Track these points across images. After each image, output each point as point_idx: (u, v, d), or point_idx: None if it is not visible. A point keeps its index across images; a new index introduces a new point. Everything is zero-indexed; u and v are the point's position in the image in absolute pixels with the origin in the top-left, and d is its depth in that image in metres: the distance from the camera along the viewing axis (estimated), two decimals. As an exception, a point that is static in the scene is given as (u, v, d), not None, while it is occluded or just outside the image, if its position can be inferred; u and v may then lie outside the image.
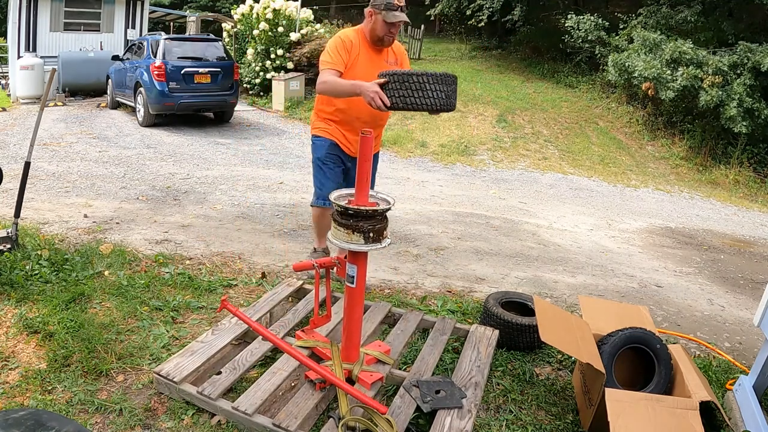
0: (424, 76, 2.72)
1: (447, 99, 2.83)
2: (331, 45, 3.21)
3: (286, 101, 11.53)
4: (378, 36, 3.20)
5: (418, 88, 2.72)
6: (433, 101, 2.75)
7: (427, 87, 2.73)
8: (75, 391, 2.45)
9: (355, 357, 2.58)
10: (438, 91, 2.77)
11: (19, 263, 3.55)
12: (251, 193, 6.12)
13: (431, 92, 2.75)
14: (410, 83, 2.71)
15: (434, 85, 2.75)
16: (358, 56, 3.21)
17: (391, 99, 2.76)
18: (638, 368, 2.57)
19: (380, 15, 3.14)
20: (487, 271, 4.36)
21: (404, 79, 2.71)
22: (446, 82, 2.81)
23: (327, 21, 15.52)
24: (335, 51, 3.18)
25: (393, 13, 3.13)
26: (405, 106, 2.75)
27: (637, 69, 9.82)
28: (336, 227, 2.35)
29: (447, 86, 2.83)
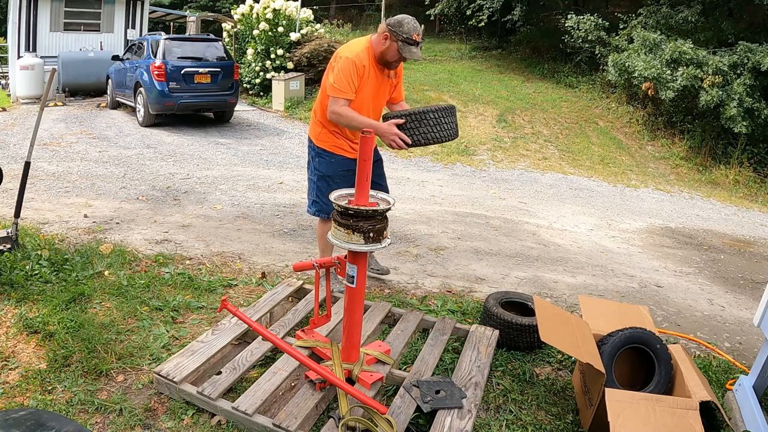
0: (438, 112, 2.97)
1: (456, 128, 3.11)
2: (345, 69, 3.09)
3: (286, 101, 11.53)
4: (387, 60, 3.17)
5: (435, 123, 3.00)
6: (447, 133, 3.03)
7: (442, 121, 2.99)
8: (75, 391, 2.45)
9: (355, 357, 2.58)
10: (450, 123, 3.04)
11: (19, 263, 3.55)
12: (251, 193, 6.12)
13: (446, 125, 3.01)
14: (428, 120, 2.98)
15: (447, 118, 3.02)
16: (368, 77, 3.18)
17: (411, 137, 2.99)
18: (638, 368, 2.57)
19: (397, 44, 3.09)
20: (487, 271, 4.36)
21: (421, 117, 2.97)
22: (453, 113, 3.09)
23: (327, 21, 15.52)
24: (348, 77, 3.09)
25: (410, 48, 3.10)
26: (426, 141, 3.02)
27: (637, 69, 9.82)
28: (336, 227, 2.35)
29: (454, 117, 3.11)
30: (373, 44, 3.18)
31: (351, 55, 3.11)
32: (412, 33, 3.07)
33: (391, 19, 3.13)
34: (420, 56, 3.17)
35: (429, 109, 2.99)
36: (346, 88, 3.09)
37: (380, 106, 3.40)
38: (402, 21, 3.09)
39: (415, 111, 2.98)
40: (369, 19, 23.58)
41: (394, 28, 3.08)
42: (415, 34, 3.08)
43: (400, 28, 3.06)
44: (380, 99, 3.35)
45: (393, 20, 3.12)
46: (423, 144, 3.03)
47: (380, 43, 3.13)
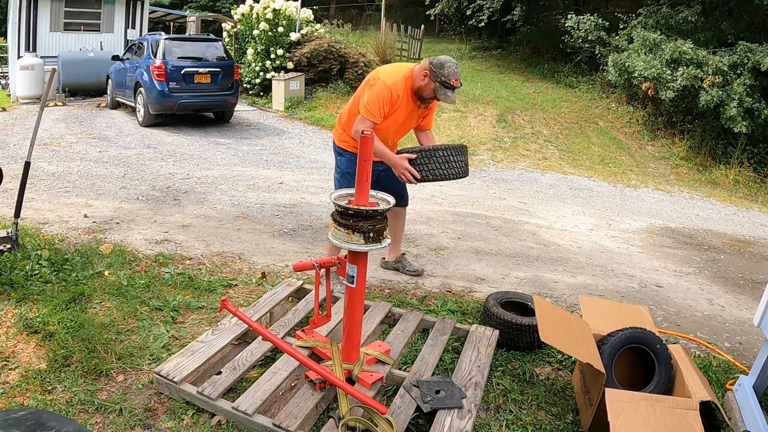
0: (448, 150, 3.10)
1: (466, 167, 3.20)
2: (379, 94, 3.17)
3: (286, 101, 11.53)
4: (422, 97, 3.27)
5: (444, 161, 3.12)
6: (456, 171, 3.13)
7: (451, 159, 3.12)
8: (75, 391, 2.45)
9: (355, 357, 2.58)
10: (459, 162, 3.16)
11: (19, 263, 3.55)
12: (251, 193, 6.12)
13: (454, 163, 3.14)
14: (437, 157, 3.09)
15: (456, 157, 3.13)
16: (399, 106, 3.26)
17: (420, 173, 3.11)
18: (638, 368, 2.57)
19: (435, 84, 3.17)
20: (487, 271, 4.36)
21: (431, 154, 3.07)
22: (463, 152, 3.18)
23: (327, 21, 15.52)
24: (381, 104, 3.17)
25: (446, 92, 3.18)
26: (434, 178, 3.14)
27: (637, 69, 9.82)
28: (336, 227, 2.35)
29: (465, 156, 3.21)
30: (413, 76, 3.24)
31: (389, 82, 3.19)
32: (451, 78, 3.15)
33: (434, 59, 3.19)
34: (454, 101, 3.26)
35: (439, 147, 3.11)
36: (375, 112, 3.18)
37: (404, 132, 3.53)
38: (444, 64, 3.16)
39: (426, 148, 3.09)
40: (369, 19, 23.60)
41: (435, 68, 3.16)
42: (453, 79, 3.16)
43: (440, 70, 3.14)
44: (406, 126, 3.47)
45: (436, 61, 3.18)
46: (431, 180, 3.15)
47: (419, 78, 3.21)
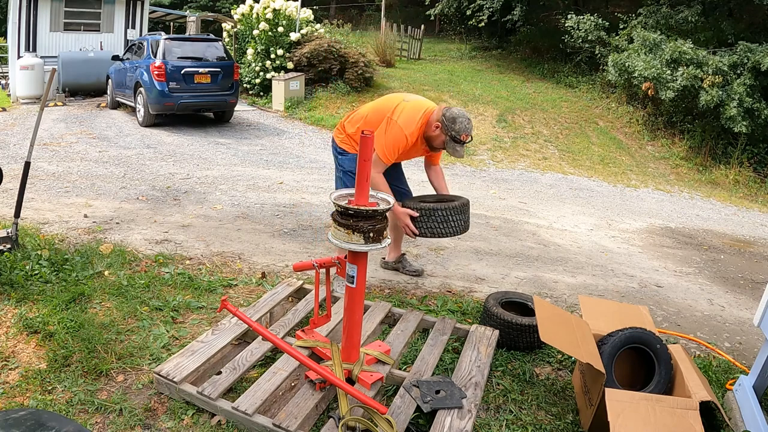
0: (448, 210, 3.22)
1: (465, 224, 3.32)
2: (395, 141, 3.26)
3: (286, 101, 11.53)
4: (432, 146, 3.37)
5: (443, 220, 3.24)
6: (454, 229, 3.25)
7: (450, 219, 3.24)
8: (75, 391, 2.45)
9: (355, 357, 2.58)
10: (459, 221, 3.28)
11: (19, 263, 3.55)
12: (251, 193, 6.12)
13: (453, 222, 3.25)
14: (437, 217, 3.21)
15: (455, 216, 3.24)
16: (409, 146, 3.35)
17: (419, 229, 3.25)
18: (638, 368, 2.57)
19: (446, 137, 3.24)
20: (487, 271, 4.36)
21: (431, 213, 3.21)
22: (464, 211, 3.29)
23: (327, 21, 15.52)
24: (395, 149, 3.28)
25: (455, 146, 3.25)
26: (432, 235, 3.27)
27: (637, 69, 9.82)
28: (336, 227, 2.35)
29: (465, 214, 3.32)
30: (428, 122, 3.29)
31: (406, 131, 3.26)
32: (461, 133, 3.21)
33: (447, 112, 3.24)
34: (462, 155, 3.32)
35: (440, 207, 3.21)
36: (389, 157, 3.30)
37: (406, 159, 3.70)
38: (456, 118, 3.21)
39: (428, 207, 3.21)
40: (369, 19, 23.60)
41: (447, 122, 3.21)
42: (464, 135, 3.22)
43: (452, 125, 3.20)
44: (408, 157, 3.61)
45: (449, 114, 3.22)
46: (429, 237, 3.29)
47: (432, 127, 3.28)
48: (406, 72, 14.18)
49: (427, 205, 3.23)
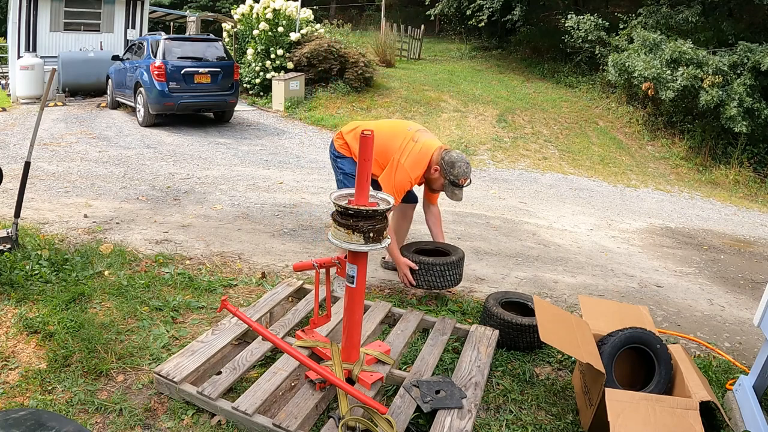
0: (445, 266, 3.38)
1: (459, 277, 3.49)
2: (402, 184, 3.33)
3: (286, 101, 11.53)
4: (432, 188, 3.49)
5: (440, 274, 3.40)
6: (450, 283, 3.43)
7: (447, 273, 3.40)
8: (75, 391, 2.45)
9: (355, 357, 2.58)
10: (455, 275, 3.45)
11: (19, 263, 3.55)
12: (251, 193, 6.12)
13: (449, 277, 3.42)
14: (434, 271, 3.38)
15: (452, 271, 3.42)
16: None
17: (417, 280, 3.40)
18: (638, 368, 2.57)
19: (445, 180, 3.31)
20: (487, 271, 4.36)
21: (429, 268, 3.37)
22: (460, 265, 3.49)
23: (327, 21, 15.52)
24: (403, 190, 3.38)
25: (454, 189, 3.33)
26: (428, 287, 3.44)
27: (637, 69, 9.82)
28: (336, 227, 2.35)
29: (460, 268, 3.47)
30: (428, 166, 3.35)
31: (412, 175, 3.32)
32: (460, 177, 3.28)
33: (446, 156, 3.29)
34: (461, 199, 3.40)
35: (438, 262, 3.36)
36: (398, 199, 3.39)
37: None
38: (455, 163, 3.26)
39: (427, 262, 3.35)
40: (369, 19, 23.60)
41: (446, 166, 3.27)
42: (462, 179, 3.29)
43: (451, 170, 3.27)
44: None
45: (448, 158, 3.27)
46: (426, 288, 3.47)
47: (432, 170, 3.35)
48: (406, 72, 14.17)
49: (426, 260, 3.37)
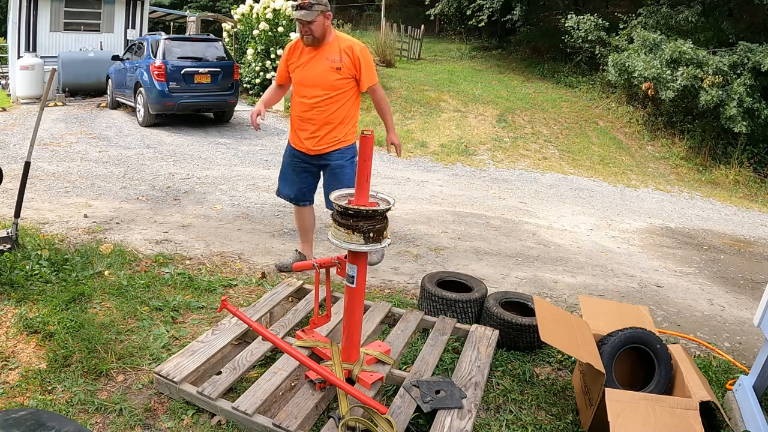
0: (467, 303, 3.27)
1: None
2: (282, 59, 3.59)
3: (286, 101, 11.50)
4: (302, 35, 3.39)
5: (461, 311, 3.28)
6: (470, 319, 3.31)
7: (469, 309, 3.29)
8: (75, 391, 2.45)
9: (355, 357, 2.58)
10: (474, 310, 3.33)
11: (19, 263, 3.55)
12: (251, 193, 6.12)
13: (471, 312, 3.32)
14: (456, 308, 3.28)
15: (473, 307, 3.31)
16: (298, 57, 3.46)
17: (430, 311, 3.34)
18: (638, 368, 2.57)
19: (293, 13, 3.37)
20: (487, 271, 4.36)
21: (451, 304, 3.27)
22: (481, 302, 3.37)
23: (327, 21, 15.49)
24: (281, 62, 3.64)
25: (295, 12, 3.30)
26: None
27: (637, 69, 9.82)
28: (336, 227, 2.35)
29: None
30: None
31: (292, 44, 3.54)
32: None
33: None
34: (305, 18, 3.25)
35: (461, 298, 3.28)
36: (280, 67, 3.64)
37: (317, 87, 3.44)
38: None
39: (449, 298, 3.26)
40: (369, 19, 23.58)
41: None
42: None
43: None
44: (317, 80, 3.44)
45: None
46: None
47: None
48: (406, 72, 14.17)
49: (450, 296, 3.28)
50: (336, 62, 3.37)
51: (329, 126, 3.51)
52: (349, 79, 3.43)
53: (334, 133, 3.54)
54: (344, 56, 3.38)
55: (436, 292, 3.26)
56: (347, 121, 3.57)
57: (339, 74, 3.40)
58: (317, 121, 3.49)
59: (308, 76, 3.43)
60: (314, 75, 3.42)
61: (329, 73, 3.39)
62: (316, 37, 3.33)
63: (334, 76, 3.40)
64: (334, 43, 3.40)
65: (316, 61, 3.40)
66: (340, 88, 3.43)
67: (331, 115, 3.47)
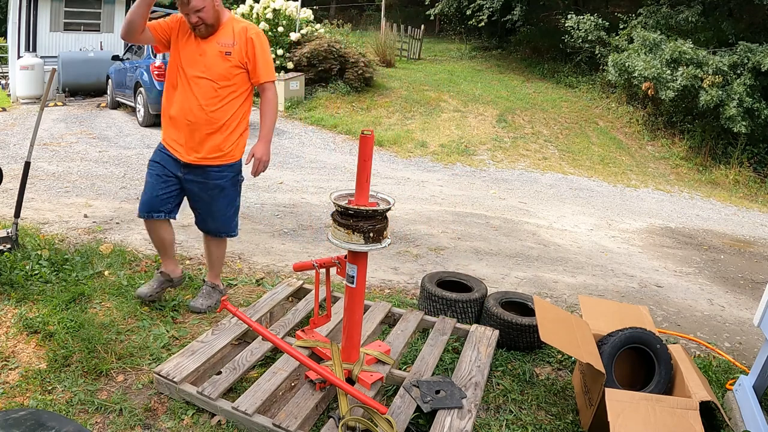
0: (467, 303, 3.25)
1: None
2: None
3: (286, 101, 11.52)
4: (191, 25, 2.79)
5: (461, 310, 3.26)
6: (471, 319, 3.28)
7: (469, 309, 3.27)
8: (75, 391, 2.45)
9: (355, 357, 2.58)
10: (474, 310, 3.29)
11: (19, 263, 3.55)
12: (251, 193, 6.12)
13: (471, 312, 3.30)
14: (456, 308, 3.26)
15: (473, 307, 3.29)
16: (187, 36, 2.85)
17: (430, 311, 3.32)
18: (638, 368, 2.57)
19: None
20: (487, 271, 4.36)
21: (451, 304, 3.24)
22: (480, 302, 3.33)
23: (327, 21, 15.52)
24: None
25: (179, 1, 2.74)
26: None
27: (637, 69, 9.82)
28: (336, 227, 2.35)
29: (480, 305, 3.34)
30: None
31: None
32: None
33: None
34: (192, 7, 2.72)
35: (461, 298, 3.25)
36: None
37: (202, 77, 2.84)
38: None
39: (449, 298, 3.27)
40: (369, 19, 23.58)
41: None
42: None
43: None
44: (202, 67, 2.84)
45: None
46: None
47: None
48: (406, 72, 14.17)
49: (450, 296, 3.27)
50: (227, 46, 2.81)
51: (211, 128, 2.87)
52: (239, 69, 2.85)
53: (216, 140, 2.89)
54: (237, 40, 2.83)
55: (436, 292, 3.26)
56: (234, 128, 2.94)
57: (229, 61, 2.82)
58: (198, 122, 2.85)
59: (193, 60, 2.82)
60: (200, 60, 2.82)
61: (218, 59, 2.81)
62: (210, 25, 2.78)
63: (223, 64, 2.82)
64: (228, 25, 2.85)
65: (205, 43, 2.82)
66: (228, 79, 2.83)
67: (215, 112, 2.85)
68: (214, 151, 2.91)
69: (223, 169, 2.96)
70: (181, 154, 2.92)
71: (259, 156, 2.93)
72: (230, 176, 3.00)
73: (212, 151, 2.91)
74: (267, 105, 2.95)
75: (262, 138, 2.95)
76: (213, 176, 2.96)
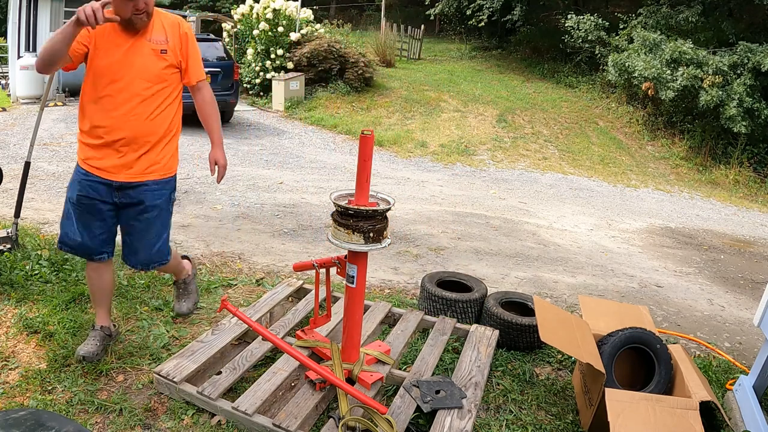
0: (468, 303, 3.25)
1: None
2: None
3: (286, 101, 11.53)
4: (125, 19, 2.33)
5: (461, 310, 3.26)
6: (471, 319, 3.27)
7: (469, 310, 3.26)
8: (75, 391, 2.45)
9: (355, 357, 2.58)
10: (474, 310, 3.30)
11: (19, 263, 3.55)
12: (251, 193, 6.12)
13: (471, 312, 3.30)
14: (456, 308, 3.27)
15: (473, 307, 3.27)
16: (106, 38, 2.37)
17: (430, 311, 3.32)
18: (638, 368, 2.57)
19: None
20: (487, 271, 4.36)
21: (451, 304, 3.25)
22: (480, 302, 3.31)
23: (327, 21, 15.51)
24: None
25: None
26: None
27: (637, 69, 9.82)
28: (336, 227, 2.35)
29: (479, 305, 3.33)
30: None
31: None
32: None
33: None
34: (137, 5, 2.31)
35: (462, 298, 3.25)
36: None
37: (135, 82, 2.40)
38: None
39: (450, 298, 3.26)
40: (369, 19, 23.59)
41: None
42: None
43: None
44: (135, 70, 2.41)
45: None
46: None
47: None
48: (406, 72, 14.18)
49: (450, 296, 3.26)
50: (161, 43, 2.45)
51: (149, 138, 2.48)
52: (174, 69, 2.53)
53: (152, 153, 2.50)
54: (170, 36, 2.49)
55: (436, 292, 3.26)
56: (172, 137, 2.59)
57: (165, 60, 2.46)
58: (134, 134, 2.43)
59: (121, 64, 2.37)
60: (131, 63, 2.38)
61: (152, 59, 2.43)
62: (150, 13, 2.40)
63: (159, 64, 2.45)
64: (156, 20, 2.47)
65: (135, 43, 2.39)
66: (164, 80, 2.48)
67: (154, 120, 2.46)
68: (151, 164, 2.51)
69: (161, 185, 2.56)
70: (111, 173, 2.45)
71: (223, 163, 2.74)
72: (167, 194, 2.62)
73: (149, 165, 2.50)
74: (209, 106, 2.73)
75: (217, 143, 2.74)
76: (150, 196, 2.53)
